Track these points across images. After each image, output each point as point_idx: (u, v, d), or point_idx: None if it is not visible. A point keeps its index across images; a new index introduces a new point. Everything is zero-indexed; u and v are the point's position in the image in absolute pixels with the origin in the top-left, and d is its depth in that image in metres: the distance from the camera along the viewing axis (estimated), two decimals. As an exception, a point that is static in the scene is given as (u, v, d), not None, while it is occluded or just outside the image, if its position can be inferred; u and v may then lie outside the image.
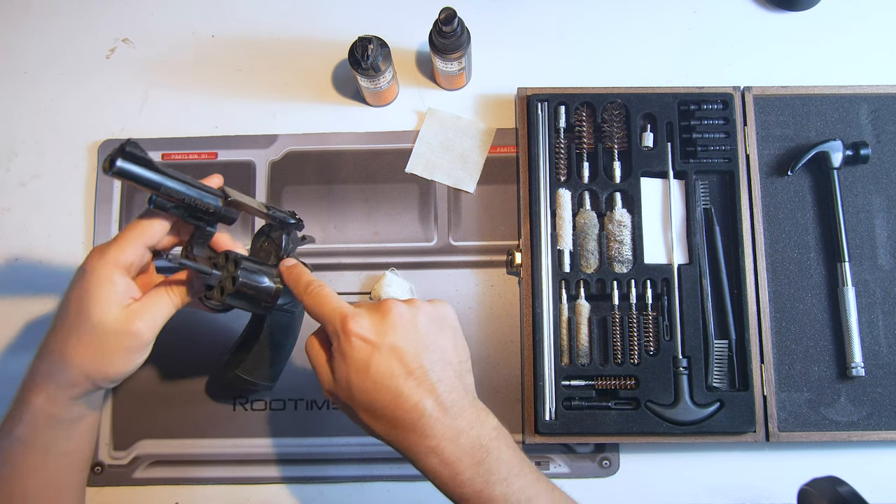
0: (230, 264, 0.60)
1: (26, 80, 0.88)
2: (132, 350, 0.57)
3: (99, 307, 0.55)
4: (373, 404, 0.52)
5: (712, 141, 0.80)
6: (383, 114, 0.86)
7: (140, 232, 0.57)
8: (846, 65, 0.87)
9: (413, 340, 0.53)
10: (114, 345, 0.56)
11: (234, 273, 0.59)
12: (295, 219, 0.66)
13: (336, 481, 0.78)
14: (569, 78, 0.86)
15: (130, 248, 0.56)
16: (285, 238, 0.65)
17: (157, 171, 0.53)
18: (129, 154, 0.51)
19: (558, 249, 0.79)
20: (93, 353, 0.56)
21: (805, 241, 0.80)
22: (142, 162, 0.52)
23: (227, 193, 0.59)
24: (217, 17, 0.89)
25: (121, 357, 0.56)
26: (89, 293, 0.55)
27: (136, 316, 0.56)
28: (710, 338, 0.77)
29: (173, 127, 0.86)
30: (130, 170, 0.51)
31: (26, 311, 0.82)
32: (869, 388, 0.77)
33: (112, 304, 0.55)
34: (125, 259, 0.56)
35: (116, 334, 0.55)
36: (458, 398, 0.53)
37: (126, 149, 0.51)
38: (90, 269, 0.56)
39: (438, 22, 0.75)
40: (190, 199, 0.56)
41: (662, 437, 0.75)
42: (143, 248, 0.57)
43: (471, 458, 0.52)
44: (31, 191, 0.85)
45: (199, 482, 0.78)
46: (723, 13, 0.89)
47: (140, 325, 0.56)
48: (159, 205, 0.56)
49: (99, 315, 0.55)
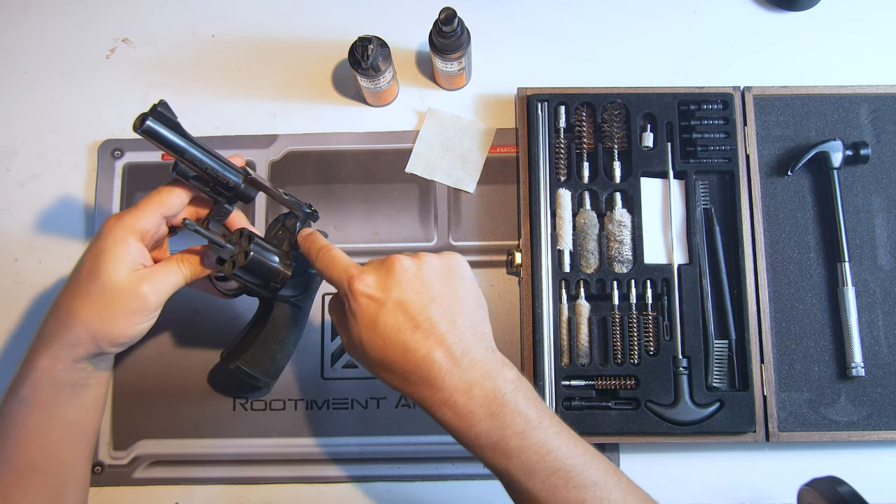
0: (244, 240, 0.62)
1: (26, 80, 0.88)
2: (136, 313, 0.58)
3: (109, 267, 0.56)
4: (384, 360, 0.52)
5: (712, 141, 0.80)
6: (383, 114, 0.86)
7: (159, 201, 0.59)
8: (846, 65, 0.87)
9: (419, 293, 0.53)
10: (119, 305, 0.57)
11: (247, 248, 0.61)
12: (311, 209, 0.68)
13: (336, 481, 0.78)
14: (569, 78, 0.86)
15: (147, 215, 0.58)
16: (299, 227, 0.66)
17: (185, 136, 0.55)
18: (159, 114, 0.53)
19: (558, 249, 0.79)
20: (98, 311, 0.57)
21: (805, 241, 0.80)
22: (171, 124, 0.54)
23: (248, 172, 0.61)
24: (217, 17, 0.89)
25: (125, 318, 0.57)
26: (102, 253, 0.57)
27: (145, 280, 0.57)
28: (710, 338, 0.77)
29: (173, 127, 0.86)
30: (158, 130, 0.53)
31: (26, 311, 0.82)
32: (869, 388, 0.77)
33: (122, 266, 0.57)
34: (141, 225, 0.58)
35: (123, 294, 0.57)
36: (469, 349, 0.52)
37: (157, 108, 0.53)
38: (106, 231, 0.58)
39: (438, 22, 0.75)
40: (212, 170, 0.57)
41: (662, 437, 0.75)
42: (160, 217, 0.59)
43: (485, 410, 0.51)
44: (31, 191, 0.85)
45: (199, 482, 0.78)
46: (723, 13, 0.89)
47: (147, 289, 0.57)
48: (181, 172, 0.58)
49: (108, 274, 0.56)
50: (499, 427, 0.51)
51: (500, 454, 0.51)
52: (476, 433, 0.51)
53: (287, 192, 0.67)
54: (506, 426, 0.51)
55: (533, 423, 0.51)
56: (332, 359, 0.80)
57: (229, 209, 0.62)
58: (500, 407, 0.51)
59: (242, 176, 0.60)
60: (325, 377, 0.80)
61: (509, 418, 0.51)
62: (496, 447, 0.51)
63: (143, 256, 0.59)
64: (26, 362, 0.60)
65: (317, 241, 0.61)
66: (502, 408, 0.51)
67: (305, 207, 0.67)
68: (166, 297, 0.59)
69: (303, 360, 0.80)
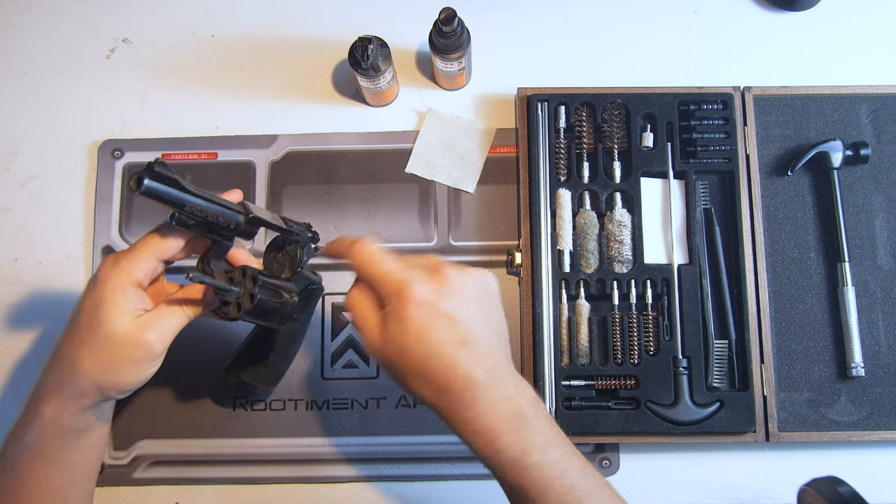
0: (248, 281, 0.60)
1: (26, 80, 0.88)
2: (142, 361, 0.57)
3: (111, 317, 0.55)
4: (425, 370, 0.51)
5: (712, 141, 0.80)
6: (383, 114, 0.86)
7: (155, 246, 0.57)
8: (846, 65, 0.87)
9: (469, 309, 0.52)
10: (124, 355, 0.56)
11: (253, 290, 0.59)
12: (311, 232, 0.67)
13: (336, 481, 0.78)
14: (569, 78, 0.86)
15: (144, 260, 0.57)
16: (301, 252, 0.65)
17: (183, 189, 0.53)
18: (157, 174, 0.52)
19: (558, 249, 0.79)
20: (103, 362, 0.56)
21: (805, 241, 0.80)
22: (169, 181, 0.52)
23: (249, 209, 0.59)
24: (217, 17, 0.89)
25: (131, 367, 0.57)
26: (102, 302, 0.56)
27: (147, 327, 0.56)
28: (710, 338, 0.77)
29: (173, 127, 0.86)
30: (158, 189, 0.52)
31: (26, 311, 0.82)
32: (869, 388, 0.77)
33: (124, 314, 0.56)
34: (138, 271, 0.57)
35: (127, 344, 0.56)
36: (503, 367, 0.53)
37: (154, 168, 0.52)
38: (103, 279, 0.56)
39: (438, 22, 0.75)
40: (213, 216, 0.56)
41: (662, 437, 0.75)
42: (157, 261, 0.58)
43: (510, 424, 0.51)
44: (31, 191, 0.85)
45: (199, 482, 0.78)
46: (723, 13, 0.89)
47: (151, 337, 0.56)
48: (181, 222, 0.57)
49: (110, 324, 0.55)
50: (520, 441, 0.51)
51: (519, 469, 0.51)
52: (498, 447, 0.51)
53: (285, 216, 0.65)
54: (527, 441, 0.51)
55: (552, 441, 0.52)
56: (332, 359, 0.80)
57: (229, 245, 0.61)
58: (522, 422, 0.52)
59: (243, 215, 0.59)
60: (325, 377, 0.80)
61: (530, 434, 0.52)
62: (516, 462, 0.51)
63: (142, 301, 0.58)
64: (30, 409, 0.59)
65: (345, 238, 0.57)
66: (524, 423, 0.52)
67: (307, 231, 0.66)
68: (170, 341, 0.58)
69: (303, 360, 0.80)
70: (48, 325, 0.81)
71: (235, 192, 0.60)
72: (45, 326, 0.81)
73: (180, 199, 0.53)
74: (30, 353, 0.81)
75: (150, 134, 0.86)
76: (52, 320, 0.81)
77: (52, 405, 0.58)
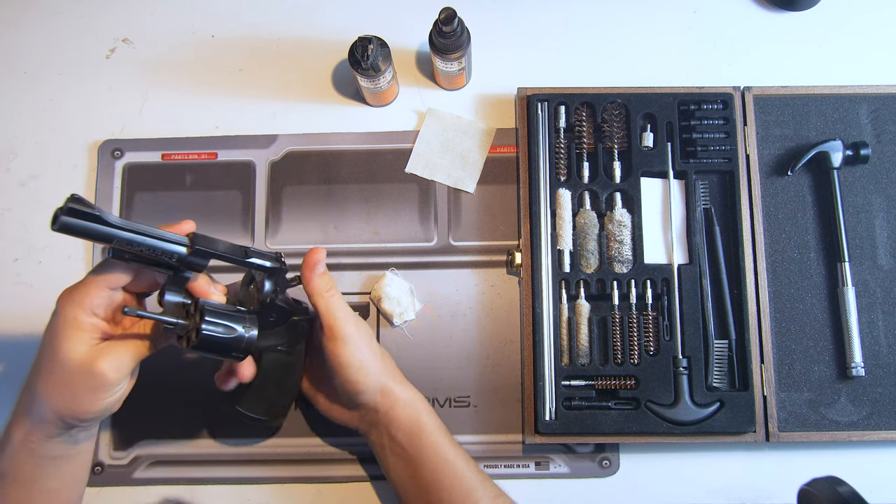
0: (197, 314, 0.58)
1: (26, 80, 0.88)
2: (97, 389, 0.57)
3: (65, 346, 0.56)
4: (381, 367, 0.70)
5: (712, 141, 0.80)
6: (383, 114, 0.86)
7: (103, 277, 0.57)
8: (846, 65, 0.87)
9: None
10: (79, 383, 0.56)
11: (198, 324, 0.57)
12: (277, 262, 0.63)
13: (336, 481, 0.78)
14: (569, 78, 0.86)
15: (95, 291, 0.57)
16: (268, 283, 0.63)
17: (106, 223, 0.52)
18: (73, 210, 0.50)
19: (558, 249, 0.79)
20: (60, 390, 0.56)
21: (805, 241, 0.80)
22: (88, 217, 0.51)
23: (194, 242, 0.57)
24: (217, 17, 0.89)
25: (86, 396, 0.57)
26: (57, 332, 0.56)
27: (102, 356, 0.56)
28: (710, 338, 0.77)
29: (173, 127, 0.86)
30: (75, 225, 0.51)
31: (26, 311, 0.82)
32: (869, 388, 0.77)
33: (79, 344, 0.56)
34: (90, 302, 0.57)
35: (81, 374, 0.56)
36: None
37: (69, 205, 0.50)
38: (59, 310, 0.57)
39: (438, 22, 0.75)
40: (148, 249, 0.55)
41: (662, 437, 0.75)
42: (108, 290, 0.58)
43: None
44: (31, 191, 0.85)
45: (199, 482, 0.78)
46: (723, 13, 0.89)
47: (104, 366, 0.56)
48: (117, 255, 0.56)
49: (64, 353, 0.56)
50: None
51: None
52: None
53: (250, 247, 0.62)
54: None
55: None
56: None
57: (186, 276, 0.59)
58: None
59: (187, 247, 0.56)
60: (325, 377, 0.80)
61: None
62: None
63: (99, 330, 0.57)
64: (4, 434, 0.60)
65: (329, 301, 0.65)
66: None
67: (268, 262, 0.62)
68: (128, 371, 0.58)
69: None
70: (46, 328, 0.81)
71: (187, 223, 0.60)
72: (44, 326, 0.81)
73: (104, 234, 0.52)
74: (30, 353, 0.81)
75: (150, 134, 0.86)
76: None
77: (22, 430, 0.58)
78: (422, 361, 0.80)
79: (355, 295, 0.82)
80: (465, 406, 0.79)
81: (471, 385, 0.79)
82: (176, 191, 0.84)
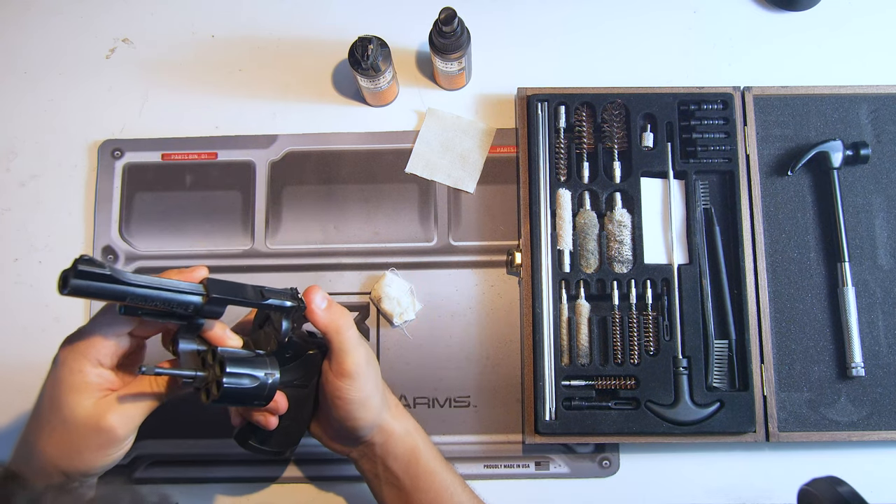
0: (216, 365, 0.54)
1: (26, 80, 0.88)
2: (104, 446, 0.53)
3: (69, 400, 0.52)
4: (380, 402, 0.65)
5: (712, 141, 0.80)
6: (383, 114, 0.86)
7: (107, 326, 0.54)
8: (846, 65, 0.87)
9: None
10: (84, 440, 0.52)
11: (220, 376, 0.54)
12: (295, 300, 0.60)
13: (336, 481, 0.78)
14: (569, 78, 0.86)
15: (101, 340, 0.53)
16: (285, 323, 0.59)
17: (119, 281, 0.48)
18: (82, 272, 0.47)
19: (558, 249, 0.79)
20: (64, 446, 0.52)
21: (805, 241, 0.80)
22: (98, 277, 0.47)
23: (209, 289, 0.54)
24: (217, 17, 0.89)
25: (92, 453, 0.53)
26: (60, 384, 0.52)
27: (110, 410, 0.52)
28: (710, 338, 0.77)
29: (173, 127, 0.86)
30: (87, 287, 0.47)
31: (26, 311, 0.82)
32: (869, 388, 0.77)
33: (84, 397, 0.52)
34: (96, 352, 0.53)
35: (87, 429, 0.52)
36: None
37: (79, 267, 0.47)
38: (61, 359, 0.53)
39: (438, 22, 0.75)
40: (163, 303, 0.51)
41: (662, 437, 0.75)
42: (115, 338, 0.54)
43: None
44: (31, 191, 0.85)
45: (199, 482, 0.78)
46: (723, 13, 0.89)
47: (114, 421, 0.52)
48: (129, 311, 0.52)
49: (69, 408, 0.52)
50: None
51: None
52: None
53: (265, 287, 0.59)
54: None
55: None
56: None
57: (200, 323, 0.55)
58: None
59: (203, 296, 0.53)
60: (325, 377, 0.79)
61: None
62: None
63: (106, 381, 0.54)
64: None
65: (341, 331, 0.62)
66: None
67: (286, 301, 0.59)
68: (137, 425, 0.54)
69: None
70: (48, 325, 0.81)
71: (200, 269, 0.56)
72: (44, 326, 0.81)
73: (117, 293, 0.49)
74: (30, 353, 0.81)
75: (150, 134, 0.86)
76: (52, 320, 0.81)
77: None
78: (422, 361, 0.80)
79: (355, 295, 0.82)
80: (465, 406, 0.79)
81: (471, 385, 0.79)
82: (176, 191, 0.84)
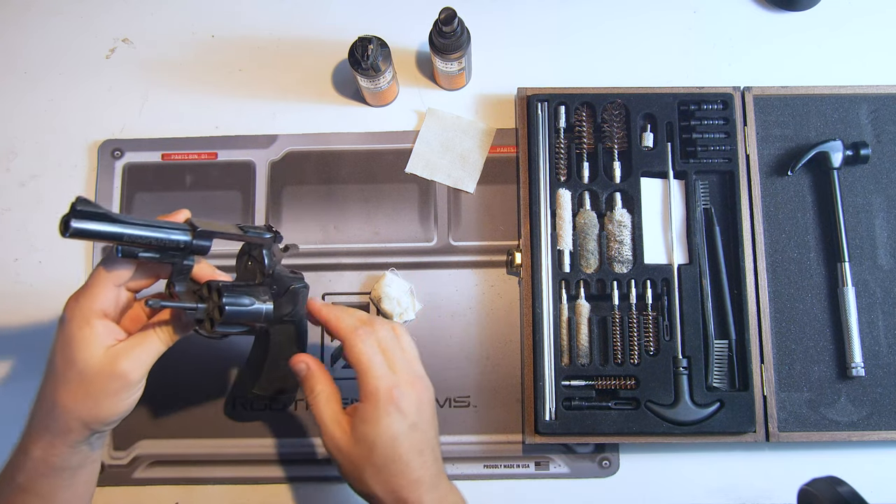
0: (214, 294, 0.58)
1: (26, 80, 0.88)
2: (120, 391, 0.56)
3: (82, 351, 0.55)
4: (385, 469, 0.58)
5: (712, 141, 0.80)
6: (383, 114, 0.86)
7: (107, 276, 0.56)
8: (846, 65, 0.87)
9: (432, 423, 0.61)
10: (101, 387, 0.55)
11: (219, 302, 0.57)
12: (271, 233, 0.64)
13: (336, 481, 0.78)
14: (569, 78, 0.86)
15: (102, 292, 0.56)
16: (266, 254, 0.64)
17: (117, 220, 0.51)
18: (82, 212, 0.49)
19: (558, 249, 0.79)
20: (82, 397, 0.56)
21: (805, 241, 0.80)
22: (97, 217, 0.50)
23: (195, 225, 0.57)
24: (217, 17, 0.89)
25: (110, 399, 0.56)
26: (71, 340, 0.55)
27: (121, 356, 0.56)
28: (710, 338, 0.77)
29: (173, 127, 0.86)
30: (88, 228, 0.49)
31: (26, 311, 0.82)
32: (869, 388, 0.77)
33: (95, 347, 0.55)
34: (99, 304, 0.56)
35: (102, 376, 0.55)
36: (440, 471, 0.61)
37: (77, 207, 0.49)
38: (68, 318, 0.56)
39: (438, 22, 0.75)
40: (157, 241, 0.54)
41: (662, 437, 0.75)
42: (115, 290, 0.57)
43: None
44: (31, 191, 0.85)
45: (199, 482, 0.78)
46: (723, 13, 0.89)
47: (126, 366, 0.55)
48: (127, 253, 0.54)
49: (83, 359, 0.55)
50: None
51: None
52: None
53: (242, 224, 0.63)
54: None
55: None
56: (331, 359, 0.80)
57: (189, 265, 0.58)
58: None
59: (190, 231, 0.56)
60: (325, 377, 0.80)
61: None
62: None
63: (112, 331, 0.57)
64: (21, 451, 0.59)
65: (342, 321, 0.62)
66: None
67: (265, 233, 0.63)
68: (148, 368, 0.57)
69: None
70: (48, 324, 0.81)
71: (182, 213, 0.59)
72: (45, 325, 0.81)
73: (115, 233, 0.51)
74: (30, 353, 0.81)
75: (150, 134, 0.86)
76: (52, 320, 0.81)
77: (41, 446, 0.58)
78: (422, 361, 0.80)
79: (355, 295, 0.82)
80: (465, 406, 0.79)
81: (471, 385, 0.79)
82: (176, 191, 0.84)
